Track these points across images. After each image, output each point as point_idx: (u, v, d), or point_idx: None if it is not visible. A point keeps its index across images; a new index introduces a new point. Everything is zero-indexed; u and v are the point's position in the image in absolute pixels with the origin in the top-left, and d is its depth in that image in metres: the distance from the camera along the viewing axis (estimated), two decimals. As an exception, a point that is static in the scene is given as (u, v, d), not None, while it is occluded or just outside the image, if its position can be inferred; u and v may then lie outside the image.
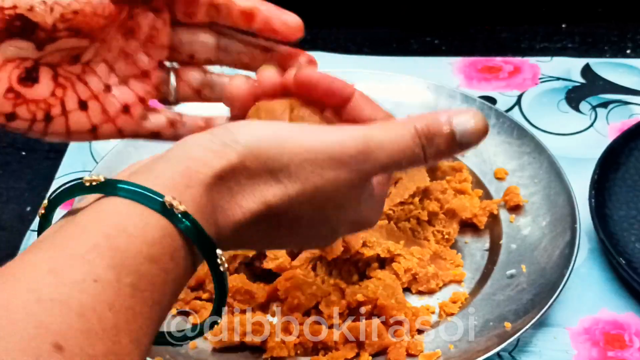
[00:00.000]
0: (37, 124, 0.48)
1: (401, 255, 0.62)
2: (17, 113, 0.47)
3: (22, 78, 0.47)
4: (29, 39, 0.46)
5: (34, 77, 0.48)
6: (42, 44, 0.47)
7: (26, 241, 0.69)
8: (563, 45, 0.90)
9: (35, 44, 0.47)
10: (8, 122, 0.48)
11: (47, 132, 0.49)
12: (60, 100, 0.49)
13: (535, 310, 0.58)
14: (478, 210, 0.67)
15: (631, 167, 0.71)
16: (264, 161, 0.39)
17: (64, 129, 0.49)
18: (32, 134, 0.49)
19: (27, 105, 0.47)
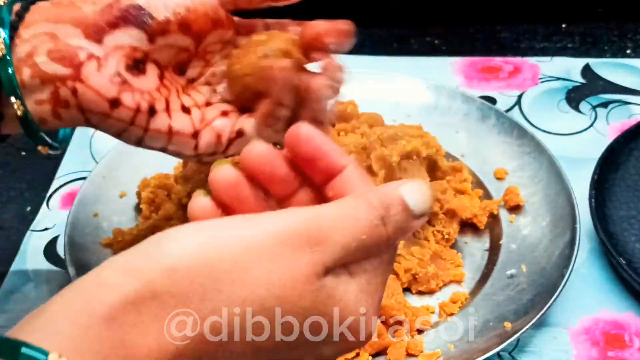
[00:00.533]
0: (140, 115, 0.47)
1: (401, 255, 0.62)
2: (121, 99, 0.46)
3: (129, 66, 0.47)
4: (142, 28, 0.47)
5: (141, 68, 0.48)
6: (154, 36, 0.48)
7: (26, 241, 0.69)
8: (563, 45, 0.90)
9: (147, 35, 0.47)
10: (112, 109, 0.46)
11: (149, 127, 0.48)
12: (164, 97, 0.48)
13: (535, 310, 0.58)
14: (478, 210, 0.67)
15: (631, 167, 0.71)
16: (189, 283, 0.32)
17: (166, 127, 0.48)
18: (133, 129, 0.48)
19: (132, 93, 0.47)
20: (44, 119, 0.47)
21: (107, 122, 0.47)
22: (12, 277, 0.66)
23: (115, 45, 0.47)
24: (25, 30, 0.46)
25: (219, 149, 0.50)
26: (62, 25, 0.46)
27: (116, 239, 0.65)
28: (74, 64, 0.46)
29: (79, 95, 0.46)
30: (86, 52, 0.46)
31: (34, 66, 0.46)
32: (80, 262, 0.62)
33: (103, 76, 0.46)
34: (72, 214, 0.66)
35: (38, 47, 0.46)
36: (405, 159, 0.64)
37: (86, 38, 0.46)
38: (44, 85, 0.46)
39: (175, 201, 0.65)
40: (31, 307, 0.65)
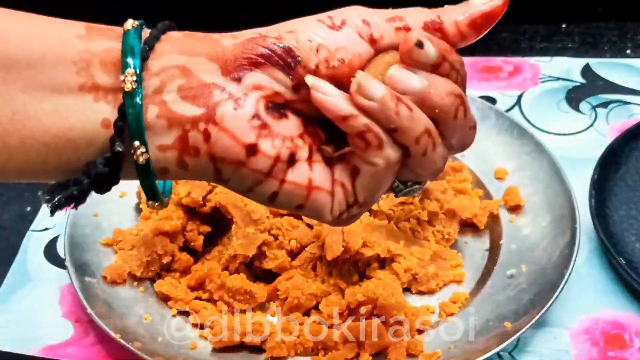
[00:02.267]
0: (279, 165, 0.40)
1: (401, 255, 0.62)
2: (259, 146, 0.40)
3: (269, 107, 0.40)
4: (288, 73, 0.40)
5: (282, 113, 0.41)
6: (299, 84, 0.41)
7: (26, 241, 0.69)
8: (563, 45, 0.90)
9: (293, 82, 0.41)
10: (248, 156, 0.40)
11: (286, 179, 0.41)
12: (308, 145, 0.42)
13: (535, 310, 0.58)
14: (478, 210, 0.67)
15: (631, 167, 0.71)
16: None
17: (306, 179, 0.41)
18: (268, 182, 0.41)
19: (272, 140, 0.40)
20: (166, 168, 0.41)
21: (240, 173, 0.41)
22: (12, 277, 0.66)
23: (254, 84, 0.40)
24: (154, 61, 0.40)
25: (349, 200, 0.42)
26: (197, 58, 0.40)
27: (116, 239, 0.65)
28: (207, 103, 0.39)
29: (212, 139, 0.40)
30: (222, 91, 0.40)
31: (161, 105, 0.39)
32: (80, 262, 0.63)
33: (240, 117, 0.40)
34: (72, 214, 0.66)
35: (167, 83, 0.40)
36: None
37: (223, 75, 0.40)
38: (170, 128, 0.40)
39: (175, 201, 0.65)
40: (31, 307, 0.66)
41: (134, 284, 0.63)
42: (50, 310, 0.63)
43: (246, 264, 0.63)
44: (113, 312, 0.60)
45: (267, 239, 0.62)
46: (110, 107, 0.39)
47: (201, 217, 0.65)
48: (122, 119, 0.39)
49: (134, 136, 0.39)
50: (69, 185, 0.40)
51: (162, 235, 0.63)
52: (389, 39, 0.41)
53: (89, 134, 0.39)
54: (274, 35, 0.41)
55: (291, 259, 0.63)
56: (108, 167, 0.40)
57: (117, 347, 0.57)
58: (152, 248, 0.63)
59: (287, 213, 0.64)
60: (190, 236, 0.64)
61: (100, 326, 0.57)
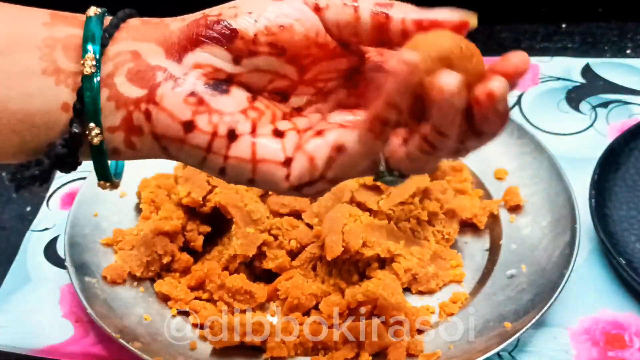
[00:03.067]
0: (217, 139, 0.42)
1: (401, 255, 0.62)
2: (195, 122, 0.41)
3: (209, 85, 0.42)
4: (226, 47, 0.42)
5: (223, 89, 0.42)
6: (240, 57, 0.42)
7: (26, 241, 0.69)
8: (563, 45, 0.90)
9: (232, 55, 0.42)
10: (186, 132, 0.41)
11: (229, 154, 0.42)
12: (251, 121, 0.43)
13: (535, 310, 0.58)
14: (478, 210, 0.67)
15: (631, 167, 0.71)
16: None
17: (249, 154, 0.42)
18: (212, 157, 0.42)
19: (209, 115, 0.41)
20: (116, 148, 0.43)
21: (183, 150, 0.42)
22: (12, 277, 0.66)
23: (194, 63, 0.42)
24: (111, 47, 0.42)
25: (314, 175, 0.42)
26: (147, 43, 0.42)
27: (116, 239, 0.65)
28: (150, 85, 0.41)
29: (152, 118, 0.42)
30: (164, 72, 0.42)
31: (112, 87, 0.42)
32: (80, 262, 0.63)
33: (177, 95, 0.41)
34: (72, 214, 0.66)
35: (119, 67, 0.42)
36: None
37: (167, 57, 0.42)
38: (118, 109, 0.42)
39: (175, 201, 0.65)
40: (31, 307, 0.66)
41: (134, 284, 0.63)
42: (50, 310, 0.63)
43: (246, 264, 0.63)
44: (113, 312, 0.60)
45: (267, 239, 0.62)
46: (69, 90, 0.41)
47: (201, 217, 0.65)
48: (81, 102, 0.41)
49: (90, 118, 0.41)
50: (30, 166, 0.42)
51: (162, 235, 0.63)
52: (334, 10, 0.43)
53: (50, 117, 0.41)
54: (214, 13, 0.42)
55: (291, 259, 0.63)
56: (67, 148, 0.42)
57: (117, 347, 0.57)
58: (152, 248, 0.63)
59: (287, 213, 0.64)
60: (190, 236, 0.64)
61: (100, 326, 0.57)
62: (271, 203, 0.64)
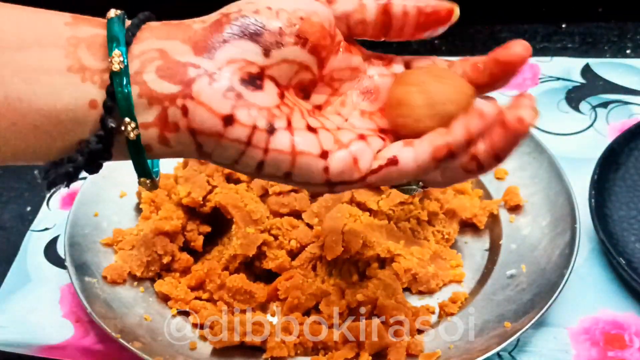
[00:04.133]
0: (258, 133, 0.42)
1: (401, 255, 0.63)
2: (235, 116, 0.42)
3: (244, 80, 0.43)
4: (255, 40, 0.43)
5: (257, 84, 0.43)
6: (268, 49, 0.43)
7: (26, 241, 0.69)
8: (563, 45, 0.90)
9: (262, 48, 0.43)
10: (226, 126, 0.42)
11: (269, 147, 0.42)
12: (286, 115, 0.44)
13: (535, 310, 0.58)
14: (478, 210, 0.67)
15: (631, 167, 0.71)
16: None
17: (289, 147, 0.43)
18: (251, 151, 0.42)
19: (248, 109, 0.42)
20: (149, 146, 0.43)
21: (221, 144, 0.42)
22: (12, 277, 0.66)
23: (227, 59, 0.43)
24: (135, 46, 0.42)
25: (355, 175, 0.44)
26: (172, 41, 0.43)
27: (116, 238, 0.65)
28: (183, 81, 0.42)
29: (190, 114, 0.42)
30: (197, 68, 0.42)
31: (142, 84, 0.42)
32: (80, 262, 0.63)
33: (215, 91, 0.42)
34: (72, 214, 0.66)
35: (147, 64, 0.42)
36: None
37: (196, 54, 0.43)
38: (151, 105, 0.42)
39: (175, 201, 0.65)
40: (31, 307, 0.66)
41: (134, 284, 0.63)
42: (50, 310, 0.63)
43: (246, 264, 0.63)
44: (113, 312, 0.60)
45: (267, 239, 0.62)
46: (96, 87, 0.41)
47: (201, 217, 0.65)
48: (111, 99, 0.41)
49: (124, 113, 0.41)
50: (63, 163, 0.42)
51: (162, 235, 0.63)
52: (342, 1, 0.46)
53: (77, 114, 0.41)
54: (234, 10, 0.44)
55: (291, 259, 0.63)
56: (101, 144, 0.42)
57: (117, 347, 0.57)
58: (152, 248, 0.63)
59: (287, 213, 0.64)
60: (190, 236, 0.64)
61: (100, 326, 0.57)
62: (271, 203, 0.64)
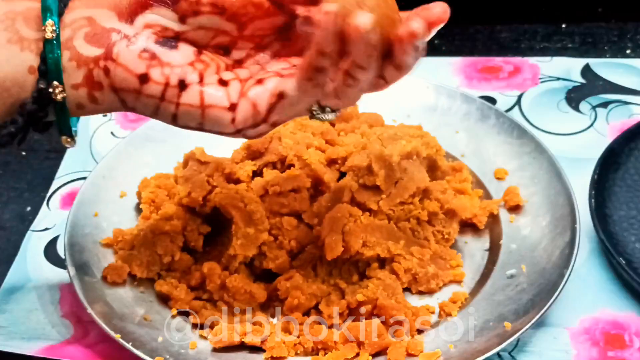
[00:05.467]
0: (170, 89, 0.48)
1: (401, 255, 0.62)
2: (149, 75, 0.47)
3: (159, 42, 0.48)
4: (172, 8, 0.48)
5: (172, 45, 0.48)
6: (185, 16, 0.48)
7: (26, 241, 0.69)
8: (563, 45, 0.90)
9: (178, 15, 0.48)
10: (141, 84, 0.47)
11: (180, 101, 0.48)
12: (198, 72, 0.49)
13: (535, 310, 0.58)
14: (478, 210, 0.67)
15: (631, 167, 0.71)
16: None
17: (198, 100, 0.48)
18: (165, 105, 0.48)
19: (161, 68, 0.48)
20: (81, 104, 0.49)
21: (140, 100, 0.48)
22: (12, 277, 0.66)
23: (145, 23, 0.48)
24: (67, 15, 0.48)
25: (258, 118, 0.49)
26: (100, 9, 0.48)
27: (116, 238, 0.65)
28: (106, 44, 0.48)
29: (111, 74, 0.48)
30: (118, 33, 0.48)
31: (72, 49, 0.47)
32: (80, 262, 0.63)
33: (132, 52, 0.47)
34: (72, 214, 0.66)
35: (76, 31, 0.48)
36: (405, 158, 0.64)
37: (119, 20, 0.48)
38: (79, 68, 0.48)
39: (175, 201, 0.65)
40: (31, 307, 0.66)
41: (134, 284, 0.63)
42: (50, 310, 0.63)
43: (246, 264, 0.63)
44: (113, 312, 0.60)
45: (267, 239, 0.62)
46: (33, 55, 0.47)
47: (201, 217, 0.65)
48: (44, 64, 0.47)
49: (53, 77, 0.47)
50: (6, 125, 0.48)
51: (162, 235, 0.63)
52: None
53: (19, 80, 0.47)
54: None
55: (291, 259, 0.63)
56: (36, 104, 0.47)
57: (117, 347, 0.57)
58: (152, 248, 0.63)
59: (287, 213, 0.64)
60: (190, 236, 0.64)
61: (100, 326, 0.57)
62: (271, 203, 0.64)
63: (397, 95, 0.77)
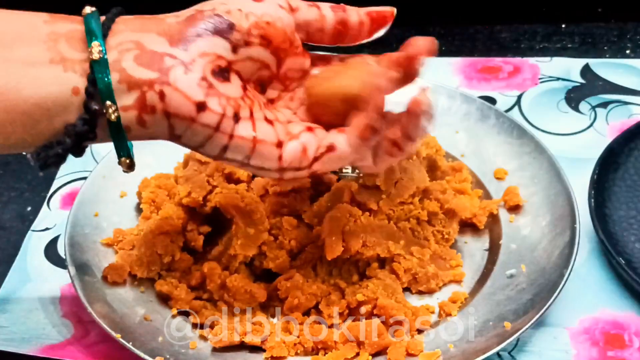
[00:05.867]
0: (226, 120, 0.48)
1: (401, 255, 0.63)
2: (207, 103, 0.47)
3: (215, 72, 0.48)
4: (226, 37, 0.49)
5: (226, 76, 0.49)
6: (237, 47, 0.49)
7: (27, 241, 0.69)
8: (563, 45, 0.90)
9: (231, 45, 0.49)
10: (198, 112, 0.47)
11: (234, 134, 0.48)
12: (248, 107, 0.49)
13: (534, 310, 0.58)
14: (478, 210, 0.67)
15: (631, 167, 0.71)
16: None
17: (251, 134, 0.48)
18: (217, 136, 0.48)
19: (218, 98, 0.48)
20: (128, 127, 0.47)
21: (192, 128, 0.47)
22: (12, 277, 0.66)
23: (200, 52, 0.48)
24: (111, 38, 0.47)
25: (303, 163, 0.50)
26: (147, 34, 0.47)
27: (116, 238, 0.65)
28: (161, 68, 0.47)
29: (166, 98, 0.47)
30: (173, 58, 0.47)
31: (121, 71, 0.46)
32: (80, 262, 0.63)
33: (190, 79, 0.47)
34: (72, 214, 0.66)
35: (125, 54, 0.46)
36: (405, 158, 0.64)
37: (171, 45, 0.47)
38: (130, 90, 0.46)
39: (176, 201, 0.65)
40: (31, 307, 0.66)
41: (134, 283, 0.63)
42: (50, 310, 0.63)
43: (246, 264, 0.63)
44: (113, 312, 0.60)
45: (267, 238, 0.62)
46: (77, 75, 0.46)
47: (201, 217, 0.65)
48: (92, 85, 0.45)
49: (105, 97, 0.46)
50: (53, 146, 0.46)
51: (163, 235, 0.63)
52: (304, 10, 0.52)
53: (62, 101, 0.46)
54: (208, 8, 0.49)
55: (291, 259, 0.63)
56: (86, 126, 0.46)
57: (117, 347, 0.57)
58: (153, 248, 0.63)
59: (287, 213, 0.64)
60: (190, 236, 0.64)
61: (100, 326, 0.57)
62: (271, 203, 0.64)
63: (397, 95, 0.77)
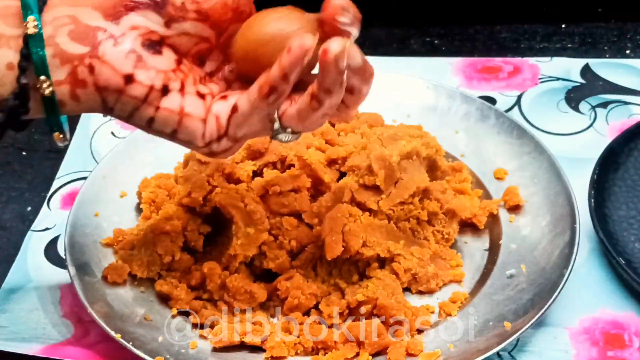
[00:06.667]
0: (154, 92, 0.48)
1: (401, 255, 0.63)
2: (135, 75, 0.48)
3: (145, 44, 0.48)
4: (159, 12, 0.49)
5: (157, 49, 0.49)
6: (170, 21, 0.49)
7: (27, 241, 0.69)
8: (563, 46, 0.90)
9: (164, 20, 0.49)
10: (126, 84, 0.47)
11: (161, 105, 0.48)
12: (180, 80, 0.49)
13: (534, 310, 0.58)
14: (478, 210, 0.67)
15: (631, 167, 0.71)
16: None
17: (178, 107, 0.48)
18: (145, 107, 0.48)
19: (146, 71, 0.48)
20: (62, 101, 0.48)
21: (121, 99, 0.48)
22: (12, 277, 0.66)
23: (131, 25, 0.48)
24: (46, 13, 0.47)
25: (220, 132, 0.49)
26: (82, 8, 0.48)
27: (116, 238, 0.65)
28: (92, 43, 0.47)
29: (96, 71, 0.47)
30: (104, 32, 0.48)
31: (55, 46, 0.47)
32: (80, 262, 0.63)
33: (118, 52, 0.47)
34: (72, 214, 0.66)
35: (59, 29, 0.47)
36: (405, 159, 0.64)
37: (105, 19, 0.48)
38: (63, 65, 0.47)
39: (176, 201, 0.65)
40: (31, 307, 0.66)
41: (134, 283, 0.63)
42: (50, 310, 0.63)
43: (246, 264, 0.63)
44: (113, 312, 0.60)
45: (267, 239, 0.62)
46: (12, 51, 0.47)
47: (201, 217, 0.65)
48: (26, 60, 0.46)
49: (39, 72, 0.47)
50: None
51: (163, 235, 0.63)
52: None
53: None
54: None
55: (291, 259, 0.63)
56: (18, 100, 0.47)
57: (117, 347, 0.57)
58: (153, 248, 0.63)
59: (287, 213, 0.64)
60: (190, 236, 0.64)
61: (100, 326, 0.57)
62: (271, 203, 0.64)
63: (397, 95, 0.77)
